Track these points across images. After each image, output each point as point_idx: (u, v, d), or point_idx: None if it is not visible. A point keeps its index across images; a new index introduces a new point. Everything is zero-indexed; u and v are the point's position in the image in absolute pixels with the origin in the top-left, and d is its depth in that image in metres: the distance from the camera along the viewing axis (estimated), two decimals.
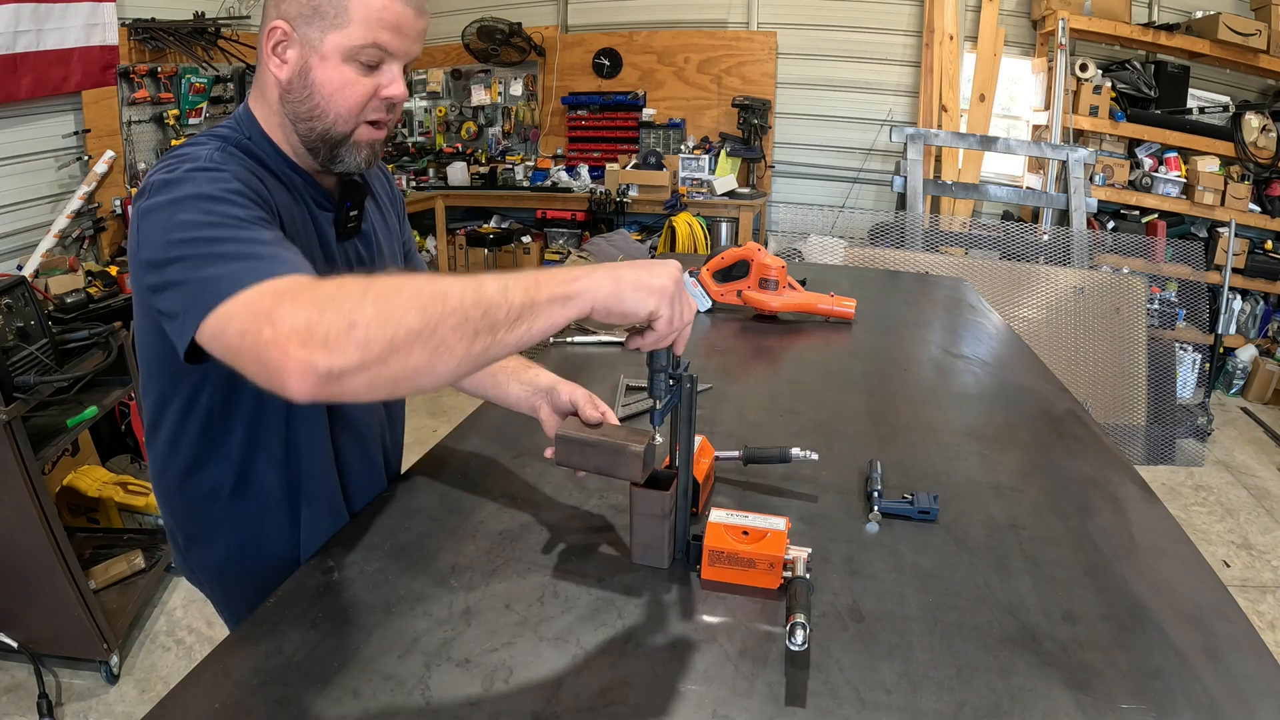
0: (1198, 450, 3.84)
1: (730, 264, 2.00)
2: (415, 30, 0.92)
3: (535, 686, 0.78)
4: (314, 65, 0.90)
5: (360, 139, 0.95)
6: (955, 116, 4.77)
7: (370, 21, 0.88)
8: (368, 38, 0.89)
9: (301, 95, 0.92)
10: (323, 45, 0.89)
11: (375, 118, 0.95)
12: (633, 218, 5.49)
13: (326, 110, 0.92)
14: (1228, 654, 0.84)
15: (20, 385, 1.96)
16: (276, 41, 0.91)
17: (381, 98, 0.93)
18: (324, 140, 0.94)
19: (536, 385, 1.11)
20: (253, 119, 0.96)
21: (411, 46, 0.93)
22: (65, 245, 3.37)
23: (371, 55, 0.90)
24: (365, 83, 0.92)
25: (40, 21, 3.12)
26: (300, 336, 0.64)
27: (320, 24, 0.89)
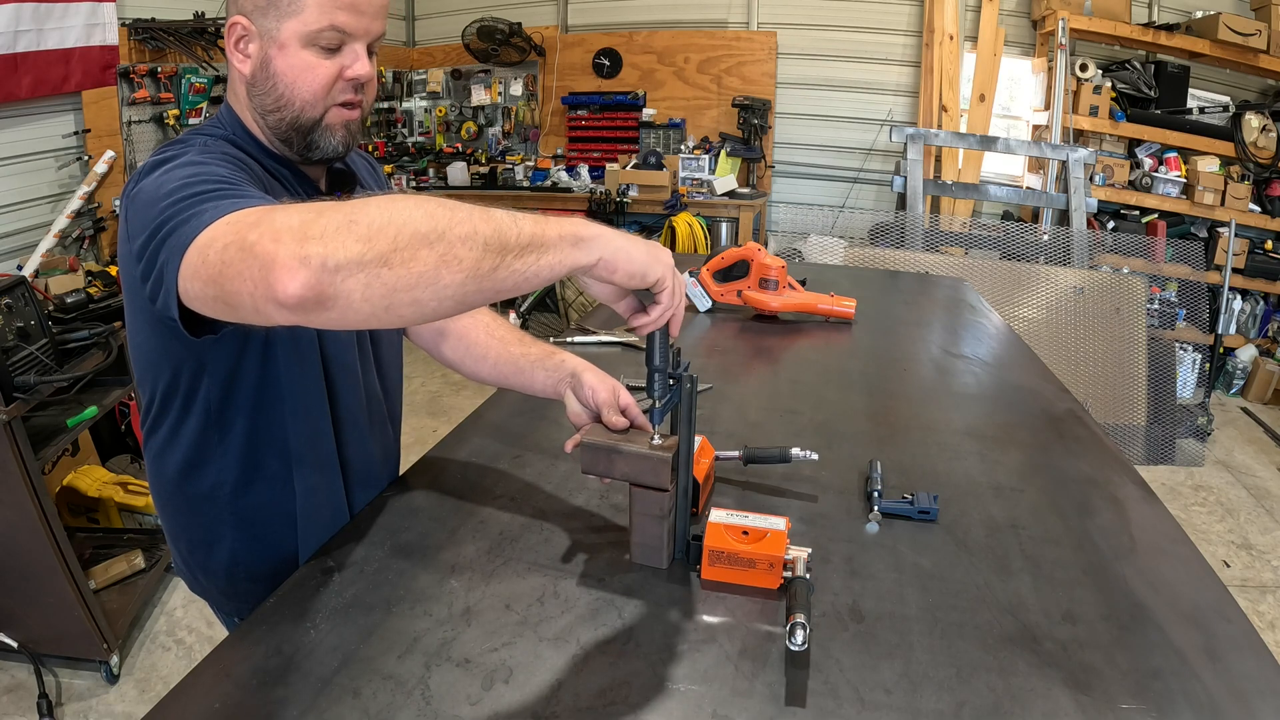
0: (1198, 450, 3.84)
1: (730, 264, 2.00)
2: (374, 7, 0.91)
3: (535, 686, 0.78)
4: (274, 55, 0.90)
5: (332, 122, 0.94)
6: (955, 116, 4.77)
7: (324, 4, 0.88)
8: (323, 20, 0.88)
9: (265, 87, 0.92)
10: (280, 34, 0.89)
11: (344, 99, 0.94)
12: (633, 218, 5.49)
13: (291, 98, 0.92)
14: (1228, 654, 0.84)
15: (20, 385, 1.96)
16: (238, 37, 0.91)
17: (346, 79, 0.92)
18: (295, 128, 0.94)
19: (562, 370, 1.09)
20: (234, 116, 0.97)
21: (372, 24, 0.92)
22: (65, 245, 3.37)
23: (330, 38, 0.90)
24: (327, 65, 0.91)
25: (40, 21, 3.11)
26: (294, 232, 0.59)
27: (276, 13, 0.88)
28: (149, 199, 0.77)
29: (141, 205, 0.78)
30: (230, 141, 0.93)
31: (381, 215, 0.59)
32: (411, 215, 0.60)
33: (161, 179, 0.79)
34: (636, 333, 0.85)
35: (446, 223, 0.61)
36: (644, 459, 0.91)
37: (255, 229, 0.61)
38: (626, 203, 5.22)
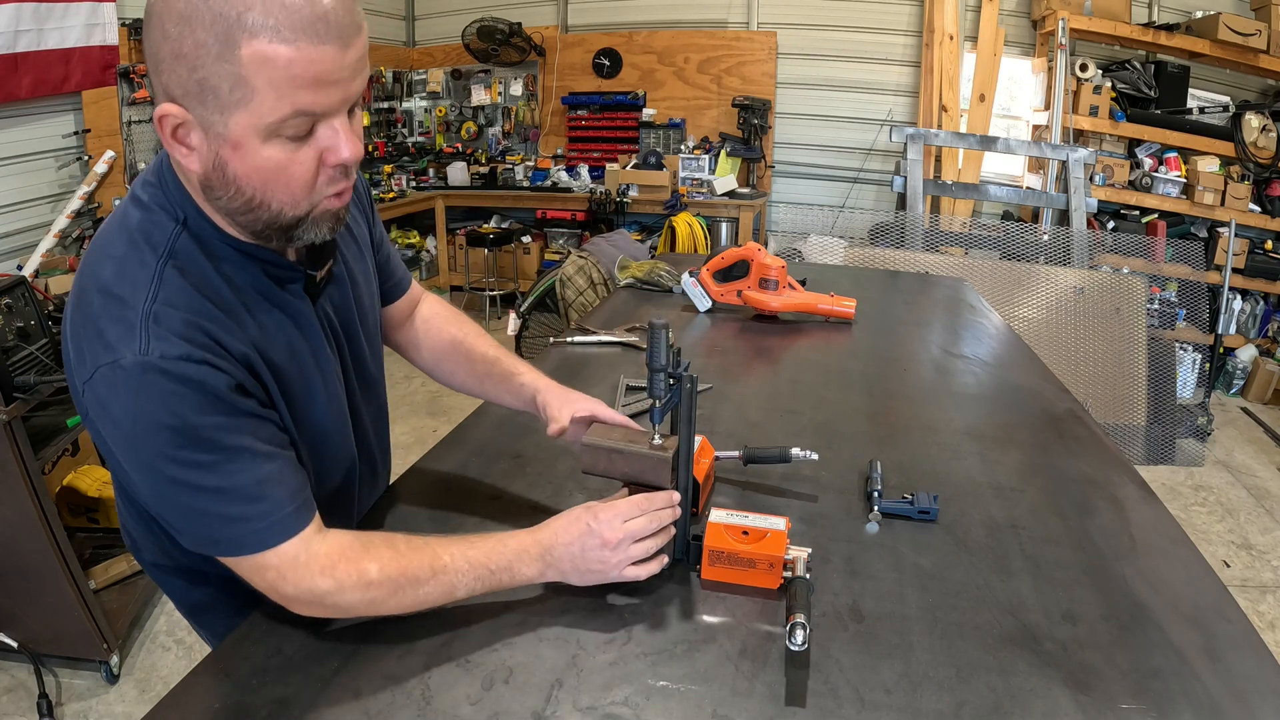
0: (1198, 450, 3.84)
1: (730, 264, 1.99)
2: (347, 68, 0.71)
3: (535, 686, 0.78)
4: (229, 157, 0.71)
5: (319, 216, 0.78)
6: (955, 116, 4.77)
7: (280, 85, 0.67)
8: (283, 108, 0.68)
9: (226, 192, 0.74)
10: (230, 130, 0.69)
11: (332, 190, 0.77)
12: (633, 218, 5.49)
13: (266, 201, 0.74)
14: (1228, 654, 0.84)
15: (20, 385, 1.96)
16: (174, 129, 0.71)
17: (330, 167, 0.75)
18: (273, 228, 0.77)
19: (523, 396, 1.12)
20: (183, 193, 0.78)
21: (349, 89, 0.72)
22: (65, 245, 3.37)
23: (297, 125, 0.71)
24: (303, 157, 0.73)
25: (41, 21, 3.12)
26: (293, 605, 0.80)
27: (217, 103, 0.68)
28: (135, 452, 0.72)
29: (123, 448, 0.73)
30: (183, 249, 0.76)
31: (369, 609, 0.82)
32: (381, 609, 0.82)
33: (142, 441, 0.71)
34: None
35: (405, 608, 0.82)
36: (644, 459, 0.91)
37: (291, 590, 0.79)
38: (626, 203, 5.22)
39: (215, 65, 0.66)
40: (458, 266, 5.74)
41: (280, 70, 0.67)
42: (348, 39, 0.69)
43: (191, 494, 0.74)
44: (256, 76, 0.67)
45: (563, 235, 5.73)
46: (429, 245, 5.93)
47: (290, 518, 0.77)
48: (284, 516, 0.77)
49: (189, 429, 0.71)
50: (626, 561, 0.88)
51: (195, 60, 0.66)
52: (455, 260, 5.80)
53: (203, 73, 0.67)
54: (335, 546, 0.79)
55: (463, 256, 5.61)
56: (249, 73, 0.66)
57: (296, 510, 0.78)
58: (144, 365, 0.70)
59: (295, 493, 0.78)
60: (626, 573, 0.88)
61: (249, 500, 0.74)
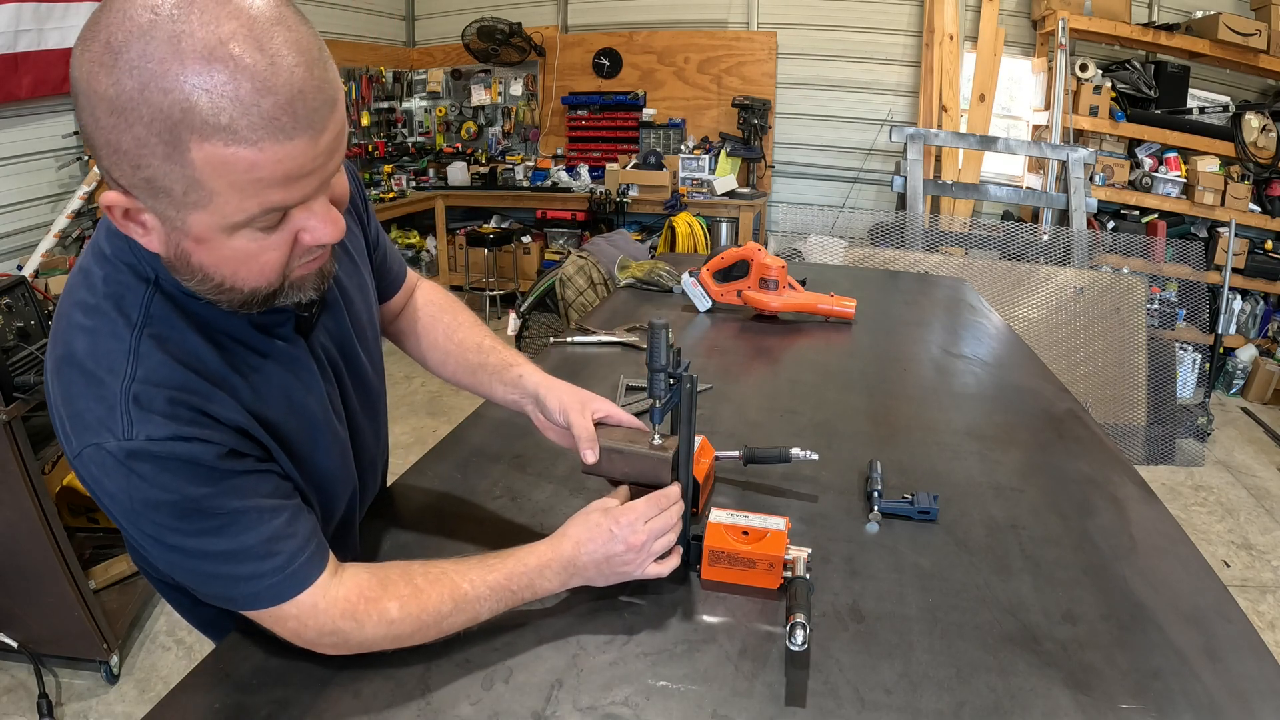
0: (1198, 450, 3.84)
1: (730, 264, 1.99)
2: (322, 154, 0.61)
3: (535, 686, 0.78)
4: (191, 249, 0.64)
5: (299, 282, 0.71)
6: (955, 116, 4.77)
7: (244, 187, 0.59)
8: (249, 207, 0.60)
9: (194, 277, 0.66)
10: (189, 226, 0.62)
11: (308, 259, 0.70)
12: (633, 218, 5.49)
13: (236, 284, 0.67)
14: (1228, 654, 0.84)
15: (20, 385, 1.96)
16: (125, 214, 0.63)
17: (305, 247, 0.68)
18: (249, 303, 0.70)
19: (522, 389, 1.06)
20: (156, 258, 0.68)
21: (325, 173, 0.63)
22: (65, 245, 3.37)
23: (268, 220, 0.63)
24: (275, 243, 0.65)
25: (41, 21, 3.12)
26: (318, 648, 0.78)
27: (170, 202, 0.60)
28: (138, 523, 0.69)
29: (123, 514, 0.70)
30: (158, 313, 0.70)
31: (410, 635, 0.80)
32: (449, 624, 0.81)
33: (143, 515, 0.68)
34: None
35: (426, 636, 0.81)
36: (644, 459, 0.91)
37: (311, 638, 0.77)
38: (626, 203, 5.22)
39: (163, 165, 0.57)
40: (458, 266, 5.74)
41: (242, 174, 0.58)
42: (320, 124, 0.60)
43: (201, 559, 0.71)
44: (214, 180, 0.58)
45: (563, 235, 5.73)
46: (429, 245, 5.93)
47: (304, 568, 0.75)
48: (298, 568, 0.74)
49: (188, 501, 0.68)
50: (649, 559, 0.89)
51: (137, 158, 0.57)
52: (455, 260, 5.80)
53: (149, 172, 0.58)
54: (353, 588, 0.77)
55: (463, 256, 5.61)
56: (205, 177, 0.57)
57: (309, 559, 0.75)
58: (129, 450, 0.66)
59: (306, 541, 0.76)
60: (649, 570, 0.89)
61: (260, 558, 0.72)
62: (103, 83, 0.55)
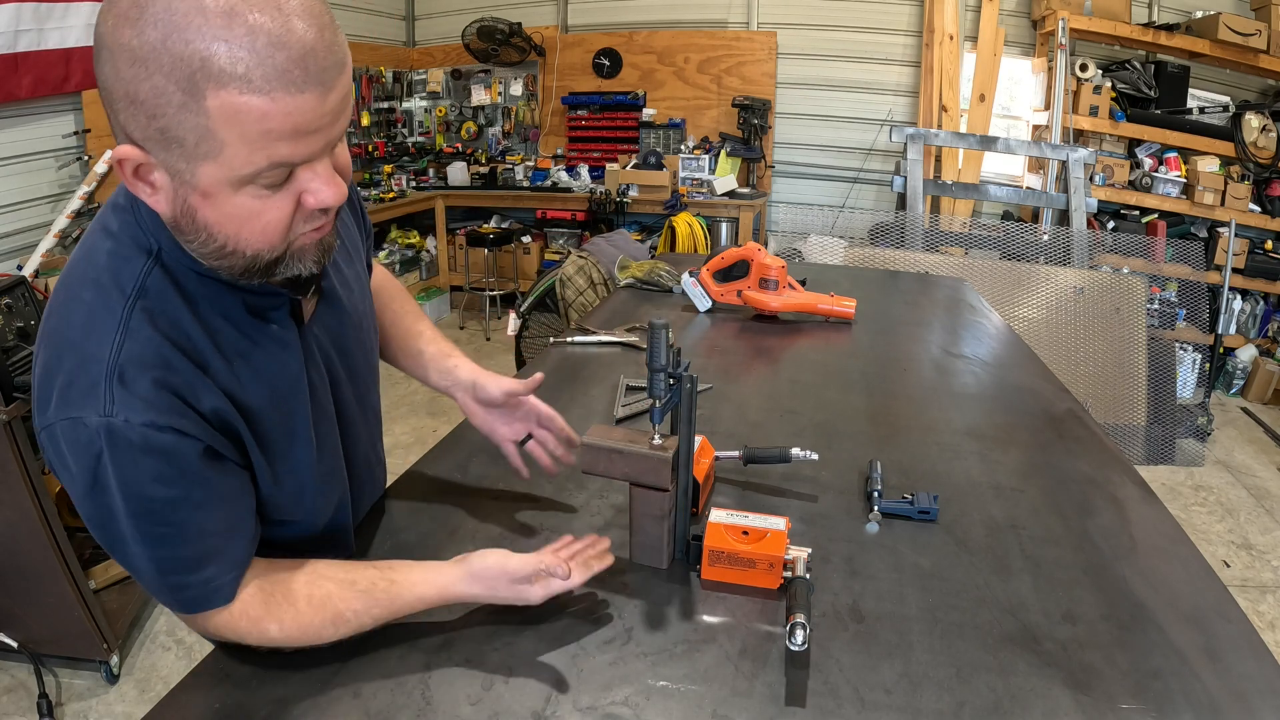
0: (1198, 450, 3.84)
1: (730, 264, 2.00)
2: (328, 114, 0.64)
3: (535, 686, 0.78)
4: (197, 204, 0.65)
5: (300, 251, 0.72)
6: (955, 116, 4.77)
7: (254, 139, 0.61)
8: (257, 160, 0.62)
9: (198, 237, 0.68)
10: (197, 179, 0.63)
11: (310, 227, 0.71)
12: (633, 218, 5.49)
13: (240, 246, 0.68)
14: (1228, 654, 0.84)
15: (20, 385, 1.96)
16: (135, 170, 0.64)
17: (309, 211, 0.69)
18: (250, 270, 0.71)
19: (455, 379, 1.11)
20: (158, 219, 0.70)
21: (330, 134, 0.65)
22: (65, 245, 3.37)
23: (274, 176, 0.65)
24: (279, 203, 0.67)
25: (41, 21, 3.12)
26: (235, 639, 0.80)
27: (181, 152, 0.62)
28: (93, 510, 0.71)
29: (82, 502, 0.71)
30: (155, 286, 0.71)
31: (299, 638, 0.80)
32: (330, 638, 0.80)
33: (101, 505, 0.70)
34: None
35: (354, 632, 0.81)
36: (644, 459, 0.91)
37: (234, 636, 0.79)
38: (626, 203, 5.22)
39: (178, 115, 0.59)
40: (458, 266, 5.74)
41: (253, 124, 0.60)
42: (329, 82, 0.62)
43: (138, 556, 0.73)
44: (226, 130, 0.60)
45: (563, 235, 5.73)
46: (429, 245, 5.93)
47: (221, 590, 0.77)
48: (216, 588, 0.76)
49: (145, 500, 0.69)
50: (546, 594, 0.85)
51: (154, 108, 0.59)
52: (455, 260, 5.80)
53: (163, 122, 0.60)
54: (238, 607, 0.78)
55: (463, 256, 5.61)
56: (217, 125, 0.60)
57: (230, 583, 0.77)
58: (107, 428, 0.66)
59: (238, 559, 0.78)
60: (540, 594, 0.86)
61: (189, 570, 0.74)
62: (126, 35, 0.58)
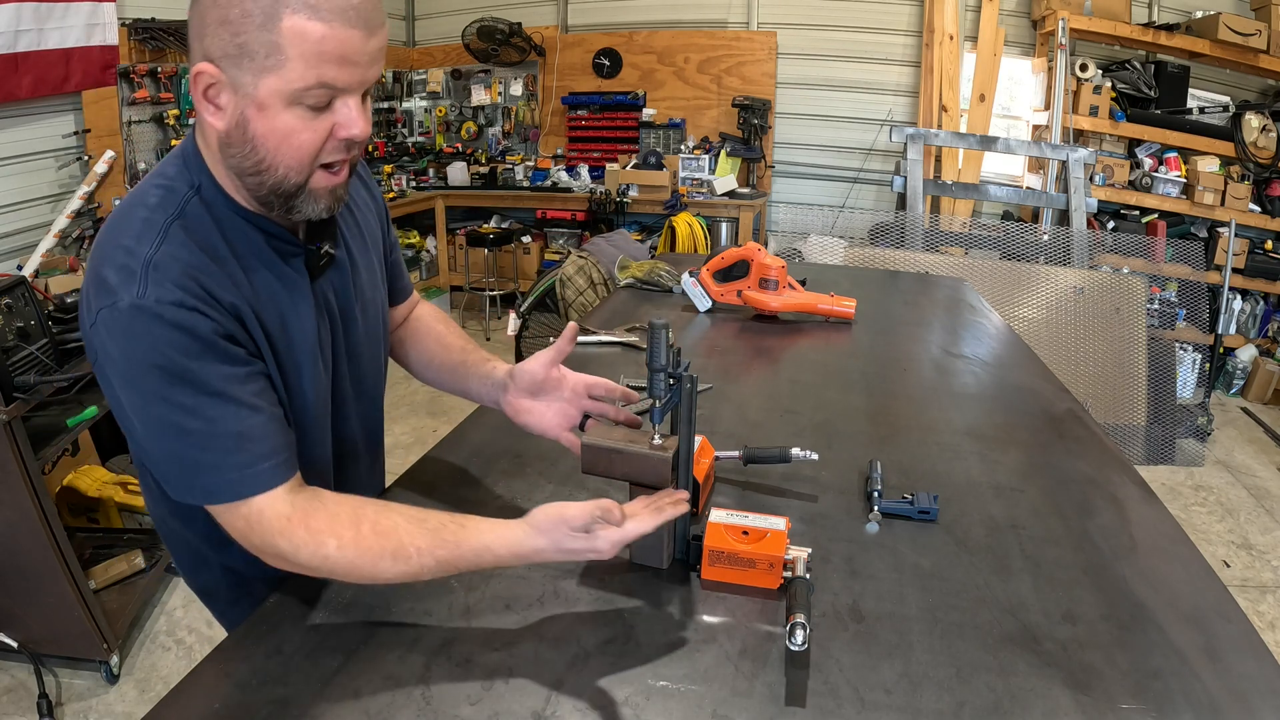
0: (1198, 450, 3.84)
1: (730, 264, 1.99)
2: (368, 54, 0.78)
3: (535, 686, 0.78)
4: (252, 116, 0.78)
5: (317, 188, 0.84)
6: (955, 116, 4.77)
7: (310, 57, 0.75)
8: (309, 77, 0.75)
9: (244, 150, 0.80)
10: (258, 91, 0.76)
11: (332, 159, 0.82)
12: (633, 218, 5.49)
13: (274, 164, 0.80)
14: (1228, 654, 0.84)
15: (20, 385, 1.96)
16: (206, 87, 0.78)
17: (339, 139, 0.81)
18: (275, 193, 0.83)
19: (495, 379, 1.12)
20: (202, 165, 0.85)
21: (366, 73, 0.79)
22: (65, 245, 3.37)
23: (318, 96, 0.77)
24: (316, 127, 0.79)
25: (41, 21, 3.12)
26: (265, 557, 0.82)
27: (251, 66, 0.75)
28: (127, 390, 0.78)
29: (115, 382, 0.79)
30: (193, 213, 0.83)
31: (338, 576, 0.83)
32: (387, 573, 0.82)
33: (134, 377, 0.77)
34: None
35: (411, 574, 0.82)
36: (644, 459, 0.91)
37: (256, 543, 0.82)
38: (626, 203, 5.22)
39: (256, 33, 0.74)
40: (458, 266, 5.74)
41: (312, 44, 0.74)
42: (372, 29, 0.78)
43: (175, 437, 0.78)
44: (291, 47, 0.74)
45: (563, 235, 5.73)
46: (429, 245, 5.93)
47: (266, 474, 0.80)
48: (259, 471, 0.80)
49: (178, 369, 0.76)
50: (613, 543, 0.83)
51: (239, 26, 0.74)
52: (455, 260, 5.80)
53: (244, 38, 0.74)
54: (300, 512, 0.81)
55: (463, 256, 5.61)
56: (285, 42, 0.74)
57: (274, 467, 0.81)
58: (139, 308, 0.75)
59: (275, 450, 0.81)
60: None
61: (227, 450, 0.78)
62: None
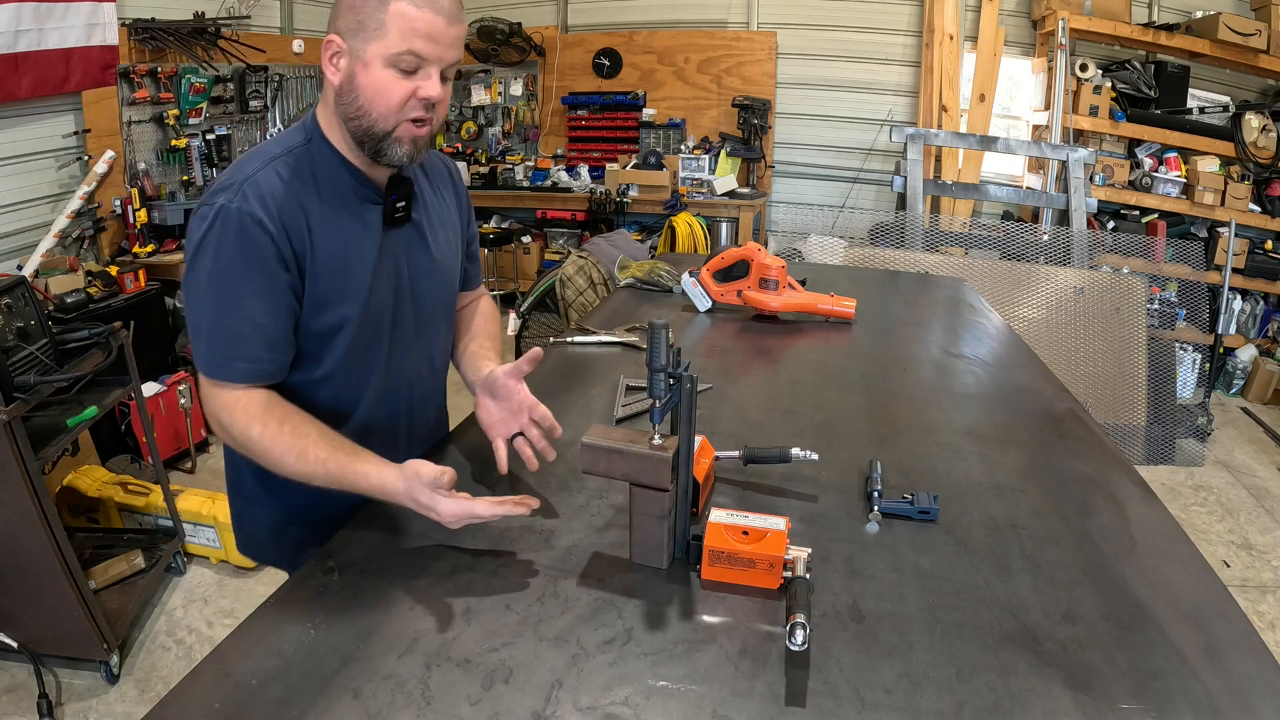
0: (1198, 450, 3.84)
1: (730, 264, 2.00)
2: (448, 37, 1.03)
3: (535, 686, 0.78)
4: (359, 71, 1.03)
5: (401, 135, 1.06)
6: (955, 116, 4.77)
7: (405, 31, 1.00)
8: (403, 45, 1.01)
9: (349, 98, 1.05)
10: (366, 54, 1.02)
11: (415, 115, 1.05)
12: (633, 218, 5.49)
13: (369, 109, 1.04)
14: (1228, 654, 0.84)
15: (20, 385, 1.96)
16: (332, 53, 1.05)
17: (419, 98, 1.04)
18: (369, 135, 1.06)
19: (479, 375, 1.24)
20: (317, 126, 1.11)
21: (446, 52, 1.04)
22: (65, 245, 3.37)
23: (408, 61, 1.02)
24: (404, 85, 1.03)
25: (41, 21, 3.12)
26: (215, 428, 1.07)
27: (364, 35, 1.02)
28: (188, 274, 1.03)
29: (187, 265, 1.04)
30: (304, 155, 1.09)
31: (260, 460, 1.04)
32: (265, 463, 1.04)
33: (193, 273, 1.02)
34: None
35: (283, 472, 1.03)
36: (644, 459, 0.91)
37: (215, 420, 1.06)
38: (626, 203, 5.22)
39: (372, 13, 1.00)
40: None
41: (408, 23, 1.00)
42: (453, 20, 1.04)
43: (199, 313, 1.02)
44: (393, 23, 1.00)
45: (563, 235, 5.73)
46: None
47: (241, 370, 1.02)
48: (238, 365, 1.02)
49: (224, 265, 1.00)
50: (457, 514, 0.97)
51: (361, 9, 1.01)
52: None
53: (362, 16, 1.01)
54: (244, 400, 1.03)
55: None
56: (389, 20, 1.00)
57: (248, 368, 1.03)
58: (224, 208, 1.01)
59: (256, 357, 1.03)
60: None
61: (229, 341, 1.02)
62: None
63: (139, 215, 3.50)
